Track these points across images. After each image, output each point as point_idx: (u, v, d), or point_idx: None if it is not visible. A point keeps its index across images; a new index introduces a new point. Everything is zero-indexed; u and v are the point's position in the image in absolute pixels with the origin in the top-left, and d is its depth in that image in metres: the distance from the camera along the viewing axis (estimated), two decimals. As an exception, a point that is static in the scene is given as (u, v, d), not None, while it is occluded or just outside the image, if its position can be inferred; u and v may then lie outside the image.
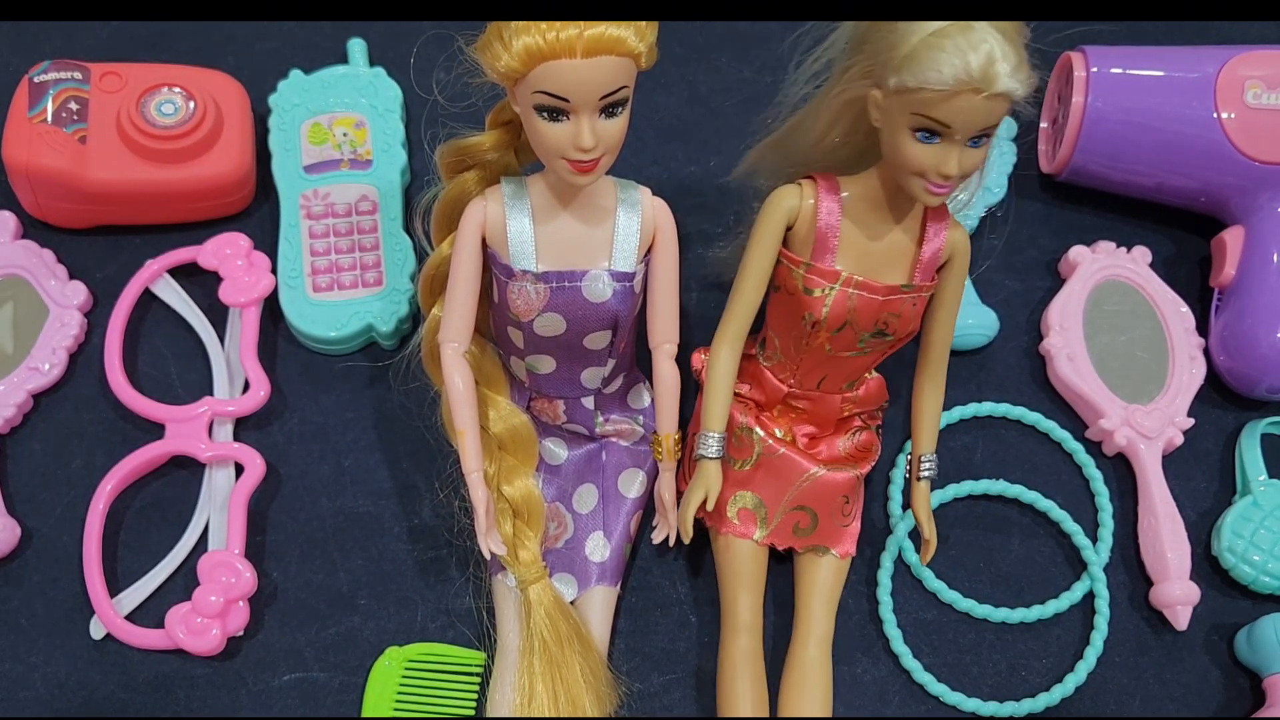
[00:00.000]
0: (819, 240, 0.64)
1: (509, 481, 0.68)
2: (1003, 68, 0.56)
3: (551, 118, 0.58)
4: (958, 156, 0.59)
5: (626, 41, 0.57)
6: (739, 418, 0.69)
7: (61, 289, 0.77)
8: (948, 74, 0.56)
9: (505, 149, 0.66)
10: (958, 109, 0.57)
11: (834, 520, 0.69)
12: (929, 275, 0.66)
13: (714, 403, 0.66)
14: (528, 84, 0.57)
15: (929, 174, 0.60)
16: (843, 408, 0.70)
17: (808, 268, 0.64)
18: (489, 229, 0.64)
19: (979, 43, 0.56)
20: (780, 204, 0.65)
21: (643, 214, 0.65)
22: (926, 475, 0.70)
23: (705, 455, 0.66)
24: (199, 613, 0.67)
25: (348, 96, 0.82)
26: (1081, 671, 0.70)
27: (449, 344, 0.66)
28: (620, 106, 0.59)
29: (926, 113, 0.58)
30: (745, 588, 0.68)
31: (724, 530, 0.69)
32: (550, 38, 0.56)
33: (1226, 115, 0.77)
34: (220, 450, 0.73)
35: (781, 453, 0.68)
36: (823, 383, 0.69)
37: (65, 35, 0.87)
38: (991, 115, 0.58)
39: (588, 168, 0.60)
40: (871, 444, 0.72)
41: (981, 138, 0.59)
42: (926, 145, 0.59)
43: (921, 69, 0.57)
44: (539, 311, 0.64)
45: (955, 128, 0.58)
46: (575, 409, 0.70)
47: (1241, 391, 0.78)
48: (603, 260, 0.64)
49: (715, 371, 0.66)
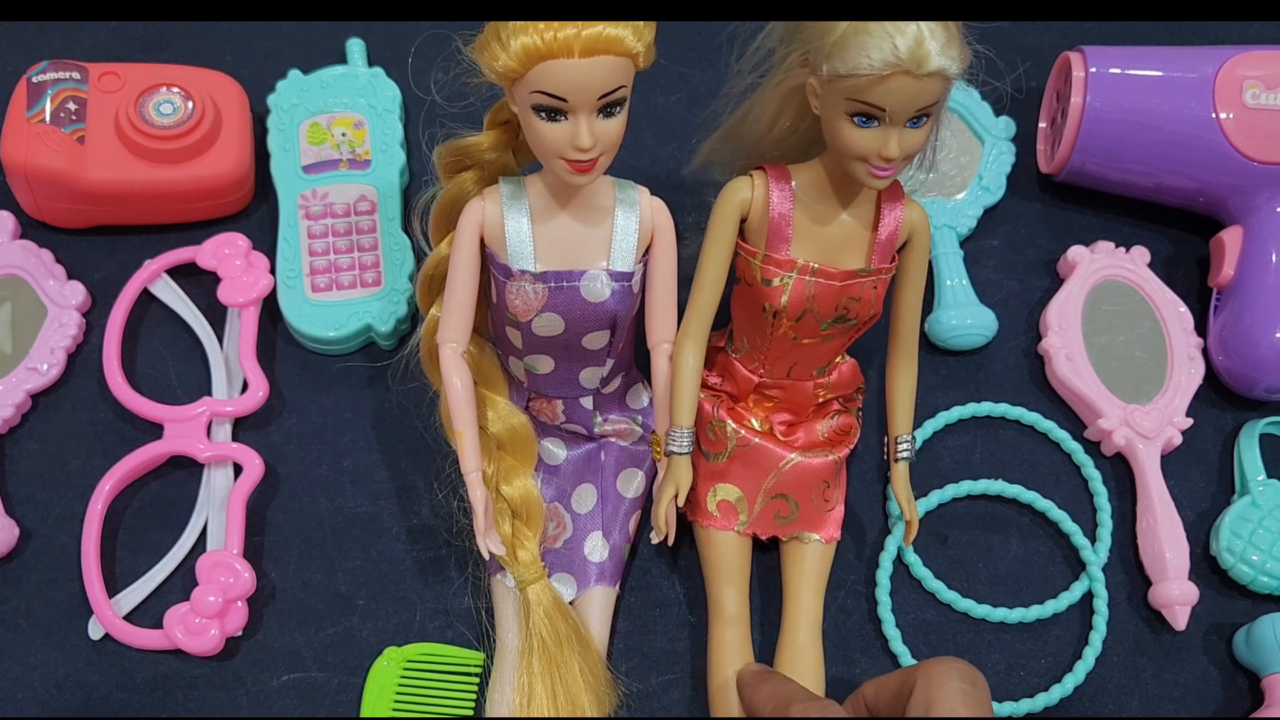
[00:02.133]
0: (773, 230, 0.64)
1: (508, 481, 0.68)
2: (931, 46, 0.56)
3: (550, 118, 0.58)
4: (897, 138, 0.59)
5: (624, 41, 0.57)
6: (711, 411, 0.69)
7: (60, 289, 0.77)
8: (876, 59, 0.56)
9: (503, 149, 0.66)
10: (890, 92, 0.57)
11: (815, 506, 0.69)
12: (887, 257, 0.66)
13: (681, 399, 0.66)
14: (525, 84, 0.57)
15: (870, 158, 0.60)
16: (816, 394, 0.70)
17: (764, 258, 0.65)
18: (487, 229, 0.64)
19: (905, 25, 0.56)
20: (732, 197, 0.65)
21: (641, 214, 0.65)
22: (904, 456, 0.70)
23: (674, 451, 0.66)
24: (197, 613, 0.67)
25: (346, 96, 0.82)
26: (1080, 671, 0.70)
27: (448, 344, 0.66)
28: (618, 106, 0.59)
29: (860, 98, 0.58)
30: (729, 580, 0.68)
31: (704, 523, 0.69)
32: (548, 38, 0.56)
33: (1225, 115, 0.77)
34: (219, 450, 0.73)
35: (755, 442, 0.69)
36: (792, 370, 0.69)
37: (64, 35, 0.87)
38: (926, 95, 0.58)
39: (586, 167, 0.60)
40: (849, 427, 0.72)
41: (921, 117, 0.59)
42: (865, 129, 0.59)
43: (851, 55, 0.57)
44: (537, 311, 0.64)
45: (891, 111, 0.58)
46: (574, 409, 0.70)
47: (1240, 391, 0.78)
48: (601, 260, 0.64)
49: (680, 368, 0.67)
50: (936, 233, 0.81)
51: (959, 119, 0.84)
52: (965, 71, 0.58)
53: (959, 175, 0.83)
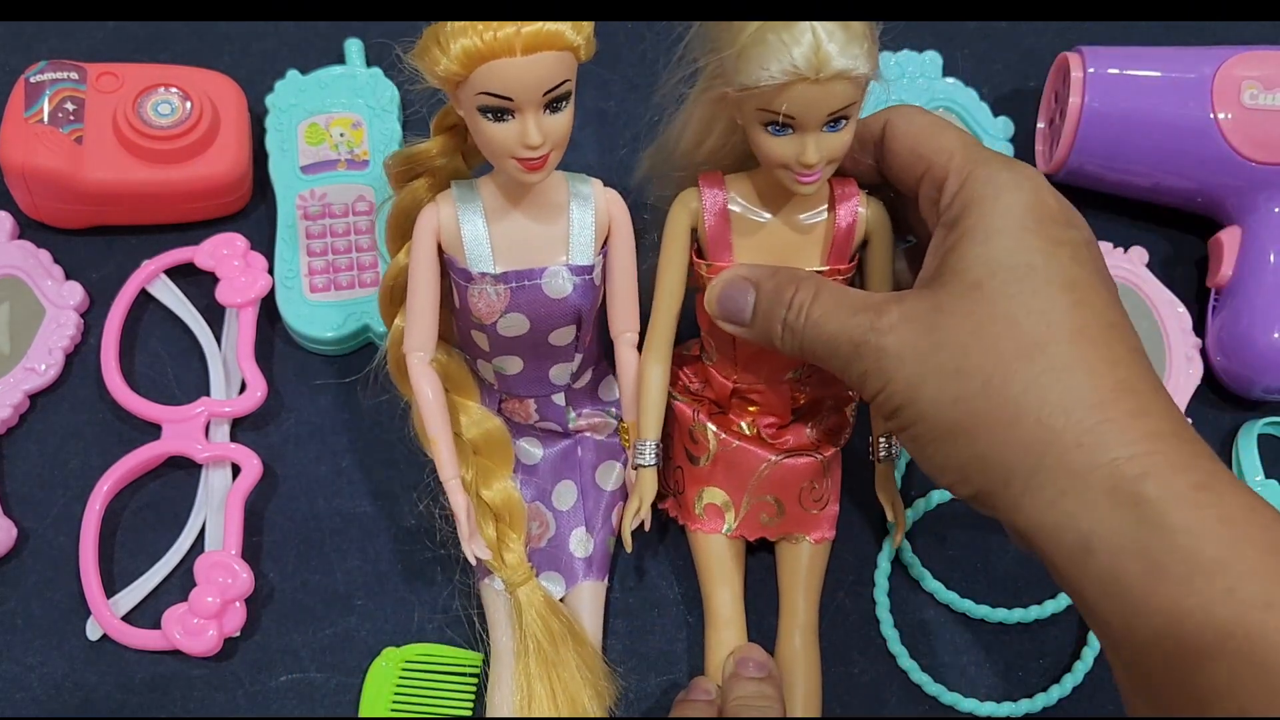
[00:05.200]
0: (711, 238, 0.64)
1: (487, 485, 0.68)
2: (830, 49, 0.55)
3: (496, 118, 0.58)
4: (814, 144, 0.58)
5: (564, 35, 0.57)
6: (692, 415, 0.69)
7: (58, 289, 0.77)
8: (775, 69, 0.56)
9: (453, 153, 0.65)
10: (795, 100, 0.56)
11: (802, 507, 0.69)
12: (844, 258, 0.65)
13: (647, 413, 0.66)
14: (469, 86, 0.57)
15: (791, 165, 0.59)
16: (796, 395, 0.70)
17: (709, 267, 0.65)
18: (443, 234, 0.64)
19: (801, 31, 0.55)
20: (681, 208, 0.65)
21: (596, 206, 0.65)
22: (885, 456, 0.70)
23: (640, 464, 0.66)
24: (196, 613, 0.67)
25: (345, 97, 0.82)
26: (1079, 672, 0.70)
27: (414, 353, 0.65)
28: (564, 101, 0.59)
29: (768, 107, 0.57)
30: (722, 582, 0.68)
31: (694, 527, 0.69)
32: (488, 38, 0.56)
33: (1223, 116, 0.77)
34: (217, 451, 0.73)
35: (737, 445, 0.68)
36: (765, 375, 0.69)
37: (61, 35, 0.87)
38: (836, 98, 0.57)
39: (537, 165, 0.60)
40: (840, 426, 0.72)
41: (839, 120, 0.58)
42: (780, 137, 0.59)
43: (751, 67, 0.56)
44: (501, 313, 0.64)
45: (800, 118, 0.57)
46: (547, 407, 0.70)
47: (1238, 392, 0.78)
48: (560, 256, 0.64)
49: (646, 382, 0.67)
50: (935, 233, 0.81)
51: (957, 119, 0.84)
52: (875, 68, 0.57)
53: (957, 175, 0.83)
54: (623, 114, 0.85)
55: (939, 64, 0.86)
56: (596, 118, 0.85)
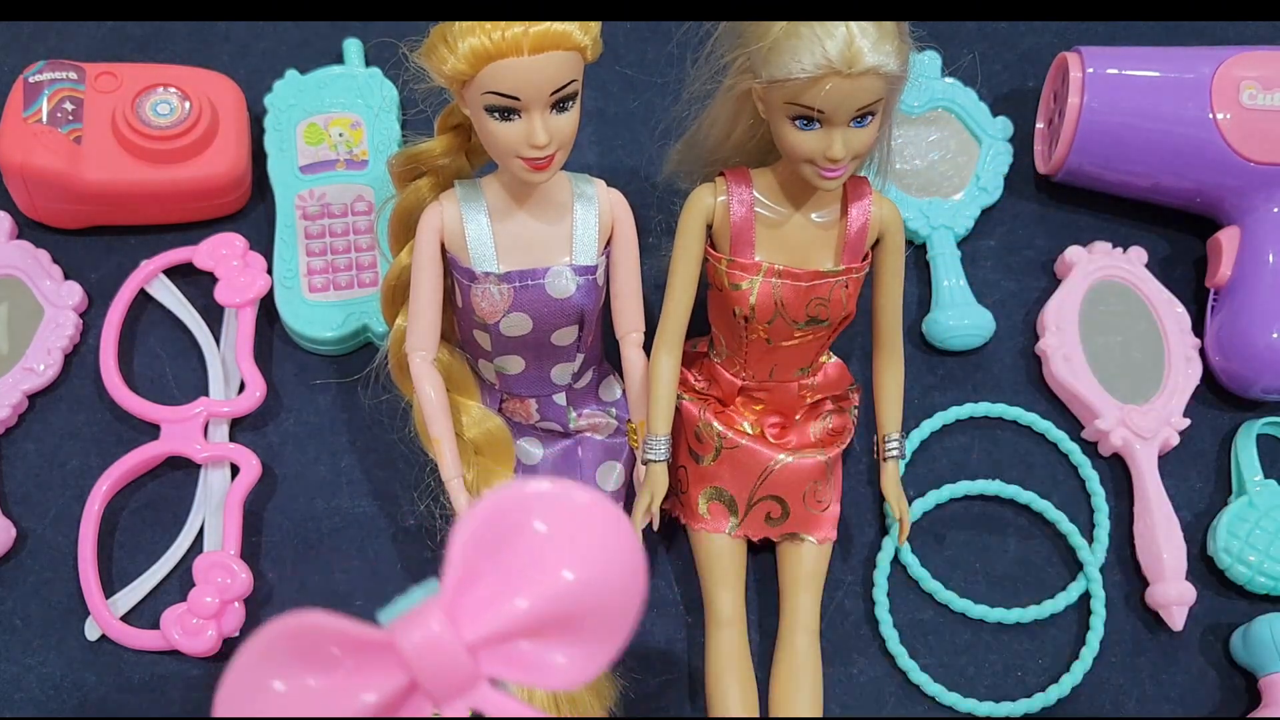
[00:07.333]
0: (736, 234, 0.65)
1: (489, 485, 0.67)
2: (863, 44, 0.56)
3: (503, 117, 0.58)
4: (841, 139, 0.59)
5: (572, 35, 0.57)
6: (698, 414, 0.69)
7: (57, 289, 0.77)
8: (808, 62, 0.56)
9: (456, 153, 0.65)
10: (825, 94, 0.57)
11: (806, 507, 0.69)
12: (857, 256, 0.66)
13: (657, 406, 0.67)
14: (476, 85, 0.57)
15: (816, 159, 0.60)
16: (802, 395, 0.70)
17: (729, 263, 0.65)
18: (447, 234, 0.64)
19: (834, 26, 0.56)
20: (697, 203, 0.65)
21: (599, 206, 0.65)
22: (892, 455, 0.70)
23: (650, 459, 0.66)
24: (194, 614, 0.67)
25: (343, 97, 0.82)
26: (1077, 672, 0.70)
27: (416, 353, 0.65)
28: (570, 101, 0.59)
29: (798, 101, 0.58)
30: (724, 583, 0.68)
31: (696, 526, 0.69)
32: (496, 37, 0.56)
33: (1222, 116, 0.77)
34: (216, 451, 0.73)
35: (742, 444, 0.69)
36: (773, 372, 0.69)
37: (61, 35, 0.87)
38: (864, 94, 0.58)
39: (543, 165, 0.60)
40: (843, 427, 0.72)
41: (865, 116, 0.59)
42: (807, 132, 0.59)
43: (783, 61, 0.57)
44: (504, 312, 0.64)
45: (829, 112, 0.58)
46: (548, 407, 0.70)
47: (1237, 392, 0.78)
48: (564, 256, 0.64)
49: (656, 377, 0.67)
50: (934, 233, 0.81)
51: (956, 119, 0.84)
52: (905, 66, 0.58)
53: (956, 176, 0.83)
54: (623, 114, 0.85)
55: (938, 64, 0.86)
56: (596, 118, 0.85)
